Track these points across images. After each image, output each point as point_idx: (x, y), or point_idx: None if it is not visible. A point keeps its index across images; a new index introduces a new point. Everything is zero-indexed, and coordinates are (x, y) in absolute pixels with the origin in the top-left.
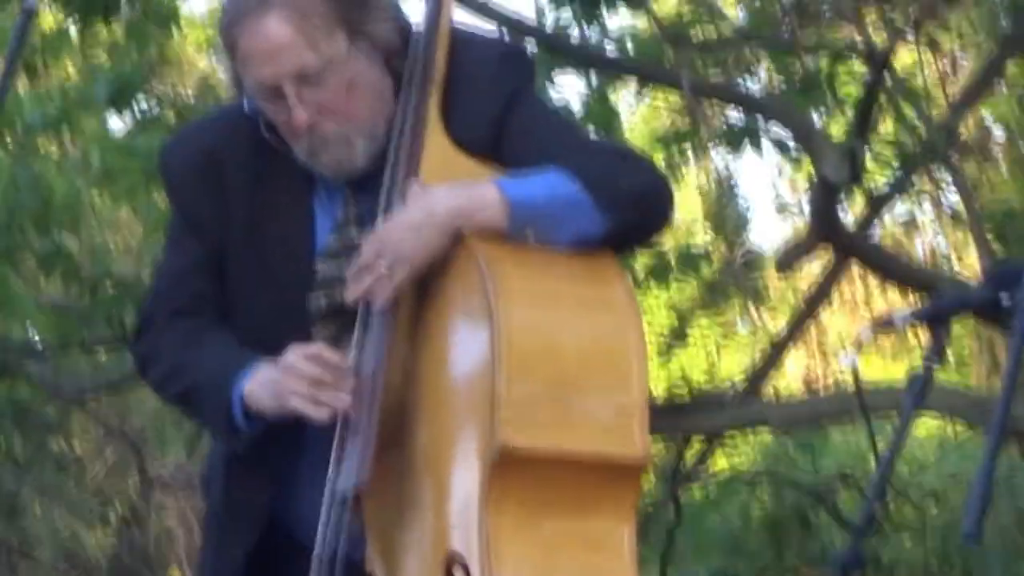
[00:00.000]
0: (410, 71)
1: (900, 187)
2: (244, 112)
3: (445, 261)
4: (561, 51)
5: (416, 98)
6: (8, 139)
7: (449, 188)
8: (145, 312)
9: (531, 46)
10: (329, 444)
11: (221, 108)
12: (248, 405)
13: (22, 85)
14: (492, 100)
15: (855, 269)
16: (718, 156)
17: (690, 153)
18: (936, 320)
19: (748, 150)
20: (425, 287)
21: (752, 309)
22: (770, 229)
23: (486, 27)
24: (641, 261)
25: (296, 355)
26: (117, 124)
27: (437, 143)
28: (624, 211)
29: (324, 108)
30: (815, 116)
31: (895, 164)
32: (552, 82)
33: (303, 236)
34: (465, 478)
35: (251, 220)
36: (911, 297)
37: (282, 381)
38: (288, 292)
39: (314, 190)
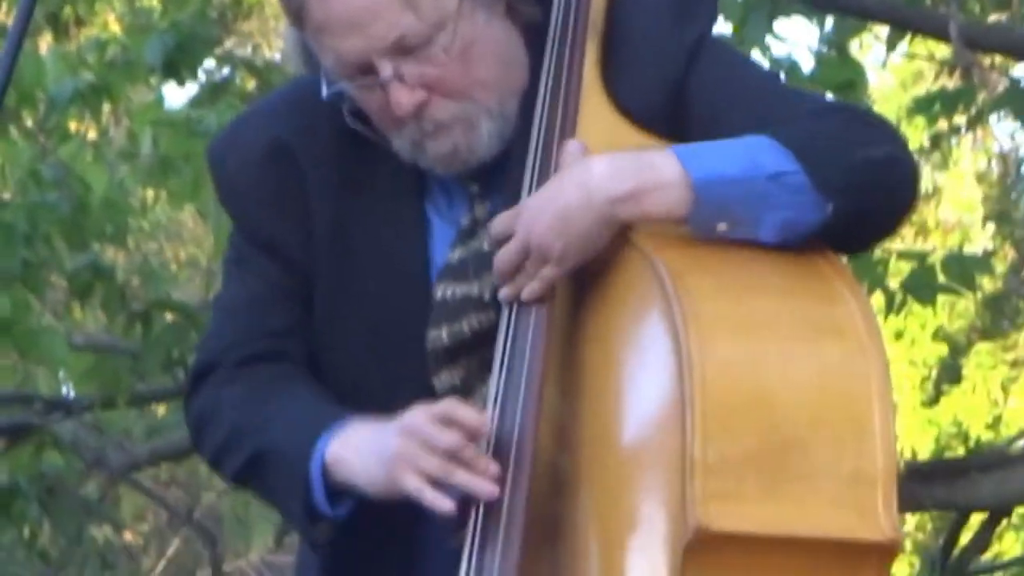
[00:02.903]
0: (557, 18)
1: None
2: (319, 93)
3: (606, 270)
4: None
5: (568, 53)
6: (27, 118)
7: (612, 159)
8: (202, 361)
9: None
10: (456, 532)
11: (287, 89)
12: (333, 477)
13: (45, 43)
14: (669, 52)
15: None
16: (1001, 128)
17: (963, 125)
18: None
19: None
20: (583, 311)
21: None
22: None
23: None
24: (895, 271)
25: (423, 415)
26: (176, 96)
27: (598, 112)
28: (853, 192)
29: (433, 84)
30: None
31: None
32: (772, 31)
33: (415, 251)
34: (645, 568)
35: (341, 234)
36: None
37: (401, 449)
38: (397, 327)
39: (426, 192)
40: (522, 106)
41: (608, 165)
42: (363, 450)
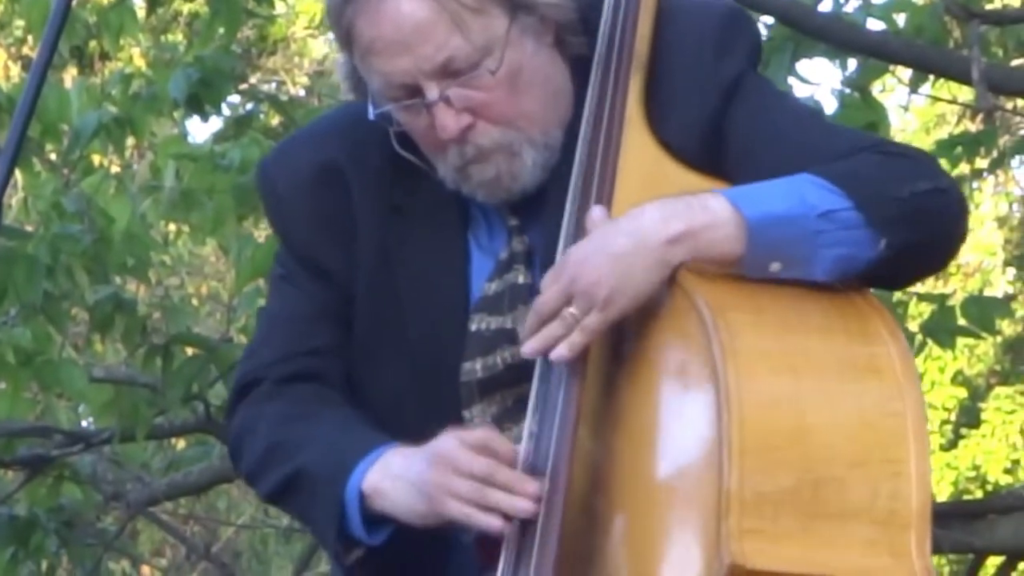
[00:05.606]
0: (602, 50)
1: None
2: (368, 118)
3: (648, 309)
4: (807, 30)
5: (612, 85)
6: (51, 150)
7: (662, 203)
8: (246, 374)
9: (766, 23)
10: (481, 570)
11: (338, 113)
12: (371, 505)
13: (70, 76)
14: (708, 88)
15: None
16: (1023, 172)
17: (984, 169)
18: None
19: None
20: (619, 348)
21: None
22: None
23: None
24: (914, 313)
25: (454, 442)
26: (200, 131)
27: (639, 146)
28: (905, 225)
29: (478, 109)
30: None
31: None
32: (795, 72)
33: (455, 282)
34: None
35: (384, 260)
36: None
37: (434, 477)
38: (434, 357)
39: (469, 222)
40: (567, 138)
41: (659, 209)
42: (400, 479)
